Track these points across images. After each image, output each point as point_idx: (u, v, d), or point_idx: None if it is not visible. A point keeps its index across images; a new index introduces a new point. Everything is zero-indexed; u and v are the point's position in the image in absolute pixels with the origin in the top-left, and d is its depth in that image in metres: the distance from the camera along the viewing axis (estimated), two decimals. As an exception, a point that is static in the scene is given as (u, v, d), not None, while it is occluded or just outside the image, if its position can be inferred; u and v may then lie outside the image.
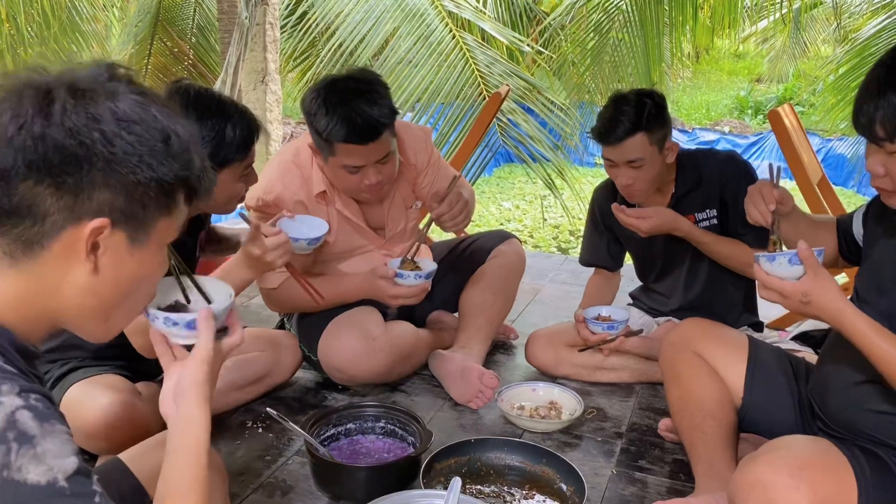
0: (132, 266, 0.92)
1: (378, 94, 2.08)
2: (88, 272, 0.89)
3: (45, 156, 0.83)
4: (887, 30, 6.30)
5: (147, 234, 0.92)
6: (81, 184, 0.85)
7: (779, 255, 1.42)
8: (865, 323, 1.33)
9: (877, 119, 1.28)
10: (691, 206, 2.31)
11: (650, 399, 2.39)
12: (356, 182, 2.17)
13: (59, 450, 0.76)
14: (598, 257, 2.60)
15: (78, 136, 0.84)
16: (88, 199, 0.85)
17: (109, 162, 0.85)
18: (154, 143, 0.89)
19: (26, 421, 0.75)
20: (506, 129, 5.51)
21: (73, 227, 0.86)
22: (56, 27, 5.87)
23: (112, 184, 0.86)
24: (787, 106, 3.12)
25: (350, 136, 2.04)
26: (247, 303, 3.22)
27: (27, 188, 0.83)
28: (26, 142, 0.82)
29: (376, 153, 2.11)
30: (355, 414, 2.02)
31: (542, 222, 7.76)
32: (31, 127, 0.83)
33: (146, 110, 0.89)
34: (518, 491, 1.83)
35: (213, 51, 7.52)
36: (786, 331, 2.88)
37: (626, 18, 6.03)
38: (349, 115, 2.02)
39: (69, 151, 0.83)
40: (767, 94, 13.65)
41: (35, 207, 0.84)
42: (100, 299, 0.92)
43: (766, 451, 1.42)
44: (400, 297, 2.21)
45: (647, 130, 2.13)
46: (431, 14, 5.68)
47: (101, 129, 0.85)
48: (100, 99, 0.86)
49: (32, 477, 0.73)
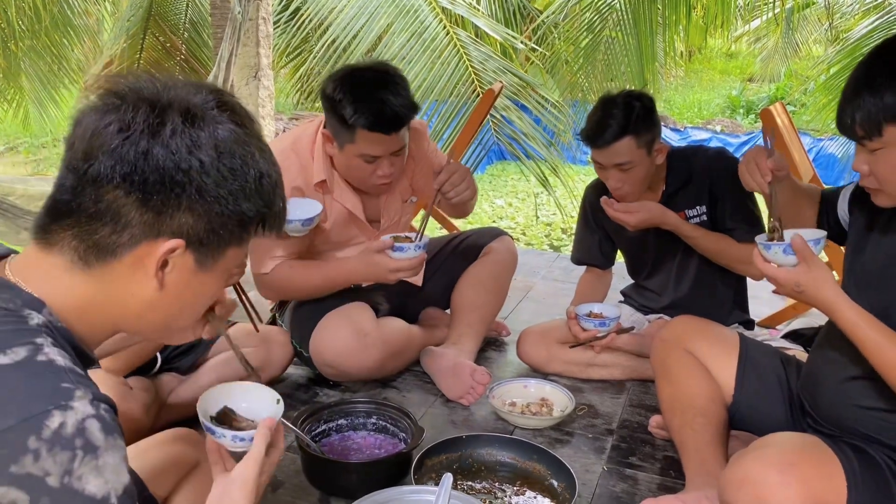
0: (195, 287, 0.95)
1: (401, 86, 2.13)
2: (154, 288, 0.90)
3: (144, 172, 0.84)
4: (878, 30, 6.32)
5: (215, 261, 0.94)
6: (168, 204, 0.86)
7: (774, 244, 1.43)
8: (857, 313, 1.35)
9: (856, 119, 1.31)
10: (682, 202, 2.32)
11: (641, 396, 2.39)
12: (369, 172, 2.18)
13: (118, 465, 0.78)
14: (590, 255, 2.60)
15: (178, 160, 0.86)
16: (170, 219, 0.87)
17: (200, 190, 0.87)
18: (246, 179, 0.91)
19: (94, 431, 0.76)
20: (499, 125, 5.51)
21: (149, 242, 0.88)
22: (47, 21, 5.84)
23: (196, 210, 0.88)
24: (778, 105, 3.13)
25: (376, 125, 2.07)
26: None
27: (115, 197, 0.85)
28: (129, 154, 0.84)
29: (395, 144, 2.14)
30: (347, 410, 2.02)
31: (534, 220, 7.77)
32: (137, 141, 0.84)
33: (246, 147, 0.91)
34: (509, 487, 1.83)
35: (205, 46, 7.48)
36: (776, 329, 2.90)
37: (619, 17, 6.03)
38: (377, 104, 2.05)
39: (167, 173, 0.85)
40: (759, 93, 13.69)
41: (118, 216, 0.86)
42: (160, 314, 0.94)
43: (755, 447, 1.43)
44: (400, 270, 2.15)
45: (634, 134, 2.13)
46: (425, 10, 5.67)
47: (201, 159, 0.87)
48: (206, 127, 0.88)
49: (91, 488, 0.74)
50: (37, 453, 0.72)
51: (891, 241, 1.47)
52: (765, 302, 3.21)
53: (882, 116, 1.29)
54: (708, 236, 2.26)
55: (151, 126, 0.85)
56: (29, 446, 0.72)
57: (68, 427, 0.74)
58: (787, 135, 2.91)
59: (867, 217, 1.56)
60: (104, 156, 0.84)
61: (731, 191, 2.25)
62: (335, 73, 2.19)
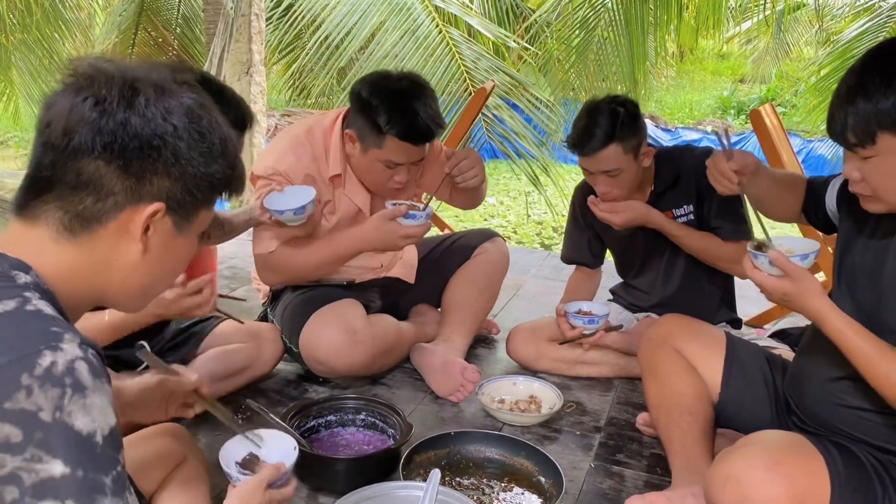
0: (173, 249, 1.00)
1: (433, 100, 2.21)
2: (139, 252, 0.95)
3: (123, 140, 0.89)
4: (869, 33, 6.36)
5: (190, 223, 1.00)
6: (147, 169, 0.92)
7: (762, 255, 1.43)
8: (844, 321, 1.35)
9: (848, 126, 1.29)
10: (669, 202, 2.33)
11: (629, 394, 2.41)
12: (387, 177, 2.24)
13: (104, 407, 0.81)
14: (579, 254, 2.61)
15: (154, 127, 0.91)
16: (150, 184, 0.92)
17: (175, 154, 0.93)
18: (213, 142, 0.97)
19: (83, 372, 0.80)
20: (491, 124, 5.52)
21: (132, 208, 0.92)
22: (39, 14, 5.80)
23: (172, 173, 0.94)
24: (768, 106, 3.14)
25: (408, 135, 2.14)
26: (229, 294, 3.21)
27: (97, 167, 0.89)
28: (108, 125, 0.89)
29: (419, 154, 2.22)
30: (336, 406, 2.03)
31: (525, 218, 7.78)
32: (114, 113, 0.89)
33: (209, 113, 0.98)
34: (497, 483, 1.84)
35: (197, 41, 7.46)
36: (764, 328, 2.92)
37: (611, 17, 6.04)
38: (411, 116, 2.12)
39: (144, 140, 0.90)
40: (750, 94, 13.75)
41: (101, 186, 0.90)
42: (144, 277, 0.98)
43: (741, 445, 1.44)
44: (410, 236, 2.18)
45: (620, 140, 2.14)
46: (418, 8, 5.67)
47: (174, 124, 0.92)
48: (174, 97, 0.94)
49: (79, 424, 0.78)
50: (29, 389, 0.76)
51: (879, 242, 1.48)
52: (752, 301, 3.23)
53: (876, 123, 1.25)
54: (693, 235, 2.28)
55: (126, 98, 0.90)
56: (22, 382, 0.76)
57: (59, 366, 0.78)
58: (777, 136, 2.92)
59: (856, 216, 1.55)
60: (84, 129, 0.88)
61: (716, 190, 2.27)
62: (369, 76, 2.26)
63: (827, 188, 1.69)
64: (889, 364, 1.30)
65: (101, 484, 0.79)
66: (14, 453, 0.75)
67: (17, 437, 0.75)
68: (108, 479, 0.80)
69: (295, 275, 2.37)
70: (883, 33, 6.21)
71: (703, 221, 2.32)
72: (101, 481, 0.79)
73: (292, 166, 2.26)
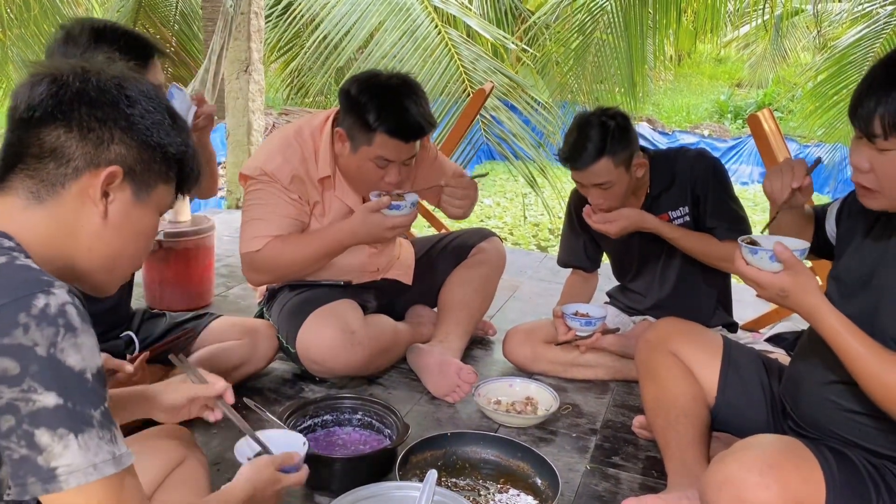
0: (134, 218, 1.05)
1: (423, 98, 2.23)
2: (99, 216, 1.01)
3: (79, 108, 0.98)
4: (866, 39, 6.39)
5: (148, 195, 1.06)
6: (103, 136, 0.99)
7: (761, 249, 1.41)
8: (839, 321, 1.35)
9: (876, 113, 1.27)
10: (665, 204, 2.34)
11: (625, 396, 2.41)
12: (378, 177, 2.23)
13: (92, 348, 0.88)
14: (575, 258, 2.62)
15: (108, 94, 1.00)
16: (107, 150, 1.00)
17: (129, 121, 1.01)
18: (164, 115, 1.05)
19: (73, 315, 0.86)
20: (489, 125, 5.52)
21: (91, 172, 0.99)
22: (37, 10, 5.79)
23: (127, 141, 1.01)
24: (766, 111, 3.15)
25: (398, 132, 2.14)
26: (225, 293, 3.20)
27: (57, 135, 0.98)
28: (65, 95, 0.97)
29: (409, 153, 2.21)
30: (332, 405, 2.03)
31: (522, 220, 7.79)
32: (70, 85, 0.98)
33: (159, 92, 1.07)
34: (493, 485, 1.85)
35: (195, 39, 7.45)
36: (760, 332, 2.93)
37: (610, 20, 6.05)
38: (402, 112, 2.14)
39: (99, 106, 0.99)
40: (747, 98, 13.79)
41: (62, 152, 0.98)
42: (107, 245, 1.04)
43: (736, 449, 1.44)
44: (396, 227, 2.19)
45: (611, 155, 2.15)
46: (417, 9, 5.67)
47: (128, 94, 1.01)
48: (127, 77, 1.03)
49: (71, 361, 0.85)
50: (26, 326, 0.83)
51: (874, 249, 1.48)
52: (749, 305, 3.24)
53: None
54: (689, 236, 2.29)
55: (79, 74, 0.99)
56: (19, 321, 0.83)
57: (52, 307, 0.85)
58: (774, 141, 2.93)
59: (852, 226, 1.57)
60: (44, 101, 0.97)
61: (712, 190, 2.29)
62: (359, 75, 2.27)
63: (826, 214, 1.70)
64: (881, 365, 1.30)
65: (89, 416, 0.85)
66: (11, 385, 0.81)
67: (15, 370, 0.82)
68: (97, 412, 0.86)
69: (283, 272, 2.34)
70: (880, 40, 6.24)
71: (699, 222, 2.33)
72: (90, 413, 0.86)
73: (280, 167, 2.25)
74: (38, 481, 0.83)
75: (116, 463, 0.87)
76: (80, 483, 0.84)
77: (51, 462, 0.83)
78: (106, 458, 0.86)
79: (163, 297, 2.93)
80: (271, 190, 2.26)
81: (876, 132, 1.28)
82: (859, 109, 1.31)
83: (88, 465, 0.85)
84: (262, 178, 2.25)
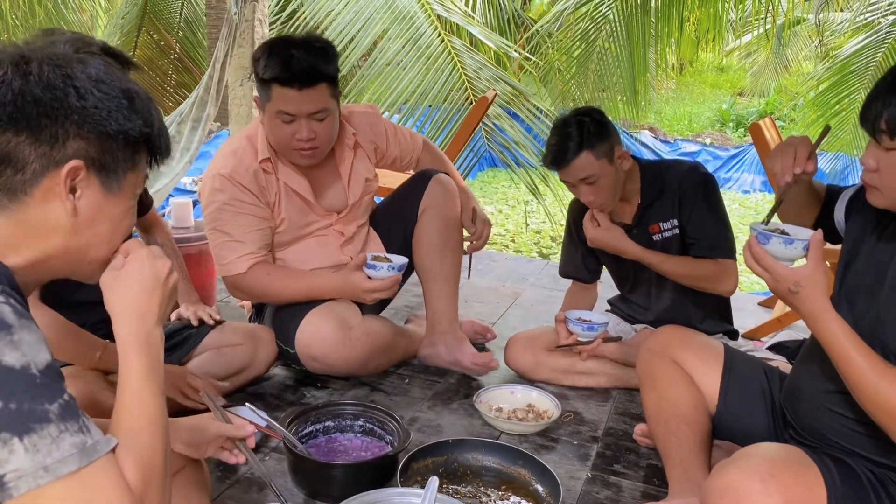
0: (107, 211, 1.00)
1: (324, 51, 2.17)
2: (69, 213, 0.96)
3: (24, 109, 0.91)
4: (868, 48, 6.41)
5: (119, 184, 1.00)
6: (57, 134, 0.93)
7: (775, 235, 1.39)
8: (841, 328, 1.34)
9: (883, 115, 1.31)
10: (656, 216, 2.35)
11: (626, 404, 2.41)
12: (289, 134, 2.19)
13: (34, 342, 0.83)
14: (575, 269, 2.63)
15: (54, 90, 0.92)
16: (63, 148, 0.93)
17: (82, 114, 0.94)
18: (120, 99, 0.98)
19: (7, 314, 0.82)
20: (491, 133, 5.53)
21: (52, 173, 0.94)
22: (41, 16, 5.82)
23: (84, 135, 0.95)
24: (768, 119, 3.16)
25: (284, 76, 2.11)
26: (227, 298, 3.21)
27: (6, 140, 0.91)
28: (6, 97, 0.91)
29: (310, 103, 2.15)
30: (334, 412, 2.03)
31: (524, 227, 7.79)
32: (11, 84, 0.91)
33: (111, 73, 0.98)
34: (494, 492, 1.85)
35: (199, 45, 7.48)
36: (761, 341, 2.93)
37: (612, 28, 6.07)
38: (287, 58, 2.11)
39: (46, 104, 0.92)
40: (749, 107, 13.80)
41: (15, 157, 0.92)
42: (82, 240, 0.99)
43: (738, 457, 1.44)
44: (375, 290, 2.23)
45: (590, 148, 2.18)
46: (421, 17, 5.69)
47: (75, 86, 0.93)
48: (73, 63, 0.95)
49: (8, 360, 0.80)
50: None
51: (881, 253, 1.48)
52: (751, 314, 3.25)
53: None
54: (669, 261, 2.29)
55: (20, 68, 0.92)
56: None
57: None
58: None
59: (861, 229, 1.56)
60: None
61: (697, 205, 2.30)
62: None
63: (837, 200, 1.68)
64: (877, 378, 1.29)
65: (43, 412, 0.81)
66: None
67: None
68: (54, 405, 0.82)
69: (262, 300, 2.42)
70: (882, 49, 6.26)
71: (685, 234, 2.34)
72: (43, 409, 0.81)
73: (236, 168, 2.25)
74: None
75: (85, 455, 0.83)
76: (30, 488, 0.79)
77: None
78: (64, 455, 0.81)
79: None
80: (232, 203, 2.24)
81: (882, 129, 1.33)
82: (867, 111, 1.36)
83: (38, 467, 0.80)
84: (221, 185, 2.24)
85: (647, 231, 2.36)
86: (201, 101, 3.78)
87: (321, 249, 2.42)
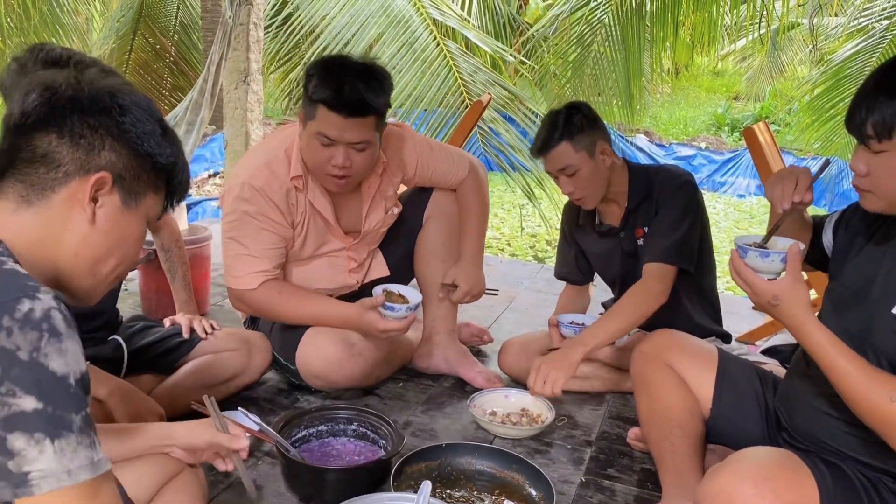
0: (122, 226, 1.06)
1: (377, 80, 2.10)
2: (87, 221, 1.02)
3: (71, 116, 1.00)
4: (862, 53, 6.42)
5: (137, 203, 1.07)
6: (94, 144, 1.01)
7: (752, 249, 1.41)
8: (826, 337, 1.35)
9: (868, 119, 1.32)
10: (642, 219, 2.36)
11: (620, 408, 2.41)
12: (325, 159, 2.11)
13: (77, 354, 0.88)
14: (568, 271, 2.63)
15: (100, 103, 1.02)
16: (97, 157, 1.01)
17: (121, 129, 1.03)
18: (156, 126, 1.07)
19: (58, 321, 0.86)
20: (487, 137, 5.53)
21: (81, 178, 1.01)
22: (36, 19, 5.80)
23: (117, 149, 1.03)
24: (762, 124, 3.16)
25: (335, 103, 2.03)
26: (221, 302, 3.20)
27: (49, 141, 1.00)
28: (58, 102, 1.00)
29: (354, 133, 2.08)
30: (327, 416, 2.02)
31: (519, 231, 7.80)
32: (63, 93, 1.00)
33: (151, 104, 1.08)
34: (487, 496, 1.84)
35: (195, 49, 7.48)
36: (755, 345, 2.93)
37: (607, 33, 6.07)
38: (341, 84, 2.03)
39: (90, 114, 1.01)
40: (744, 111, 13.82)
41: (52, 157, 1.00)
42: (93, 250, 1.04)
43: (731, 461, 1.44)
44: (389, 330, 2.18)
45: (569, 138, 2.21)
46: (416, 21, 5.69)
47: (119, 103, 1.03)
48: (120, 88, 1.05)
49: (54, 366, 0.84)
50: (9, 330, 0.83)
51: (868, 263, 1.49)
52: (745, 318, 3.25)
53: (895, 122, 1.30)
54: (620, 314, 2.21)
55: (72, 84, 1.01)
56: (2, 324, 0.83)
57: (36, 312, 0.85)
58: (770, 154, 2.94)
59: (849, 241, 1.57)
60: (38, 108, 0.99)
61: (666, 206, 2.29)
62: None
63: (825, 225, 1.70)
64: (868, 383, 1.30)
65: (70, 420, 0.85)
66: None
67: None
68: (78, 417, 0.86)
69: (272, 318, 2.36)
70: (876, 54, 6.27)
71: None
72: (71, 418, 0.85)
73: (269, 182, 2.17)
74: (7, 485, 0.82)
75: (94, 468, 0.87)
76: (52, 488, 0.84)
77: (23, 467, 0.82)
78: (82, 464, 0.86)
79: (159, 305, 2.92)
80: (257, 218, 2.18)
81: (868, 134, 1.34)
82: (853, 116, 1.37)
83: (63, 470, 0.84)
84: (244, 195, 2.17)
85: (633, 235, 2.36)
86: (196, 104, 3.78)
87: (329, 271, 2.39)
